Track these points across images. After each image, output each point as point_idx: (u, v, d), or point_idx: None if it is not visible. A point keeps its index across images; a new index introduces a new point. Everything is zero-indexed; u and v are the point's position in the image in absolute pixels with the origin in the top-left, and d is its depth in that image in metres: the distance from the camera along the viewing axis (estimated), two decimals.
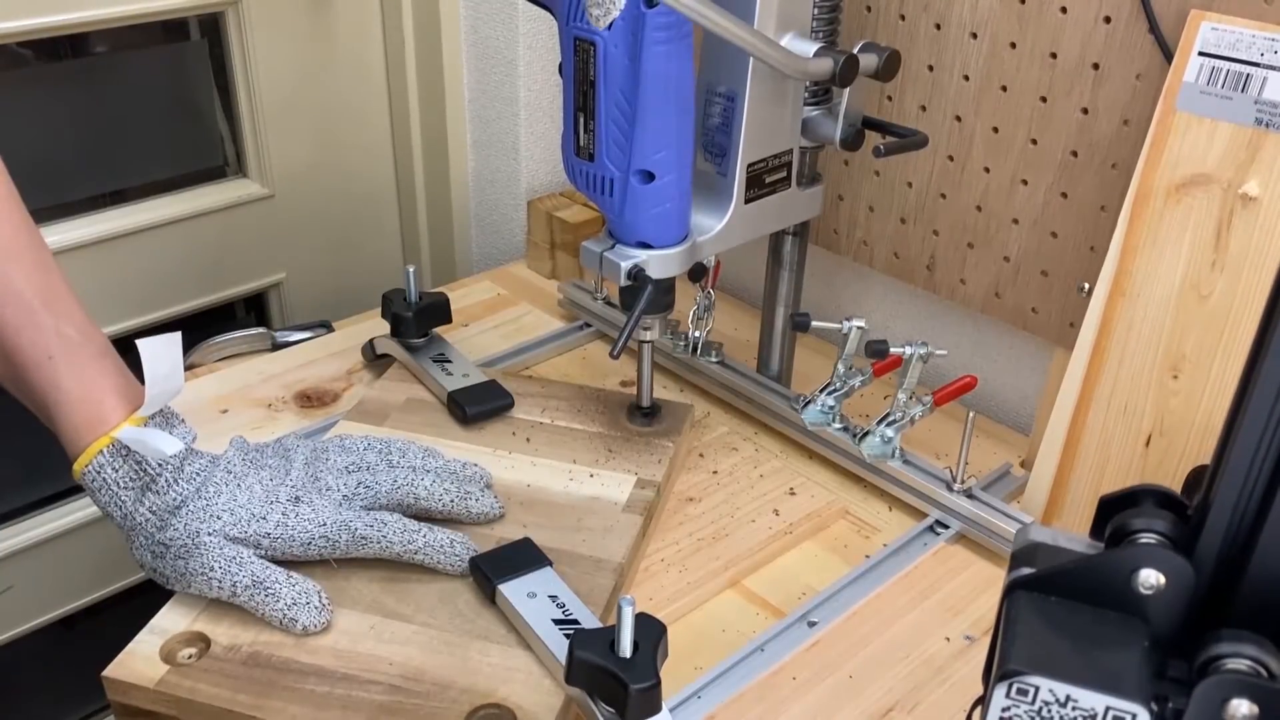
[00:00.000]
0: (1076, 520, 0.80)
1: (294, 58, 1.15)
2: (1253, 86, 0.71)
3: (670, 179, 0.75)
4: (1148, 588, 0.38)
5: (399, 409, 0.89)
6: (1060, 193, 0.85)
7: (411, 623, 0.68)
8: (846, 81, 0.77)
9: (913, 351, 0.81)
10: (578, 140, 0.75)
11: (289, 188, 1.20)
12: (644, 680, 0.57)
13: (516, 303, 1.11)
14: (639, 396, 0.88)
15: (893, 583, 0.77)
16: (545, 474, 0.82)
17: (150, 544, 0.67)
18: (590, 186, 0.76)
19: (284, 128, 1.17)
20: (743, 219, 0.82)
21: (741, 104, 0.78)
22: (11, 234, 0.66)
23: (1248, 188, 0.71)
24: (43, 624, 1.13)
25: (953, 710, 0.67)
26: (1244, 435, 0.36)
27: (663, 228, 0.77)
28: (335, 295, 1.26)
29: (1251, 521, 0.37)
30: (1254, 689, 0.35)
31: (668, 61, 0.70)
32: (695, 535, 0.80)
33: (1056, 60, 0.82)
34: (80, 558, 1.13)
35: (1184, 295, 0.74)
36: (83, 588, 1.15)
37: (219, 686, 0.63)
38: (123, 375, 0.68)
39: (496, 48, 1.16)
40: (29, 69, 1.05)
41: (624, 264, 0.77)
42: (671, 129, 0.73)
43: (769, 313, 0.94)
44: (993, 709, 0.37)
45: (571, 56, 0.72)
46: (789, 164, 0.83)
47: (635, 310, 0.77)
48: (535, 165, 1.21)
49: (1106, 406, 0.78)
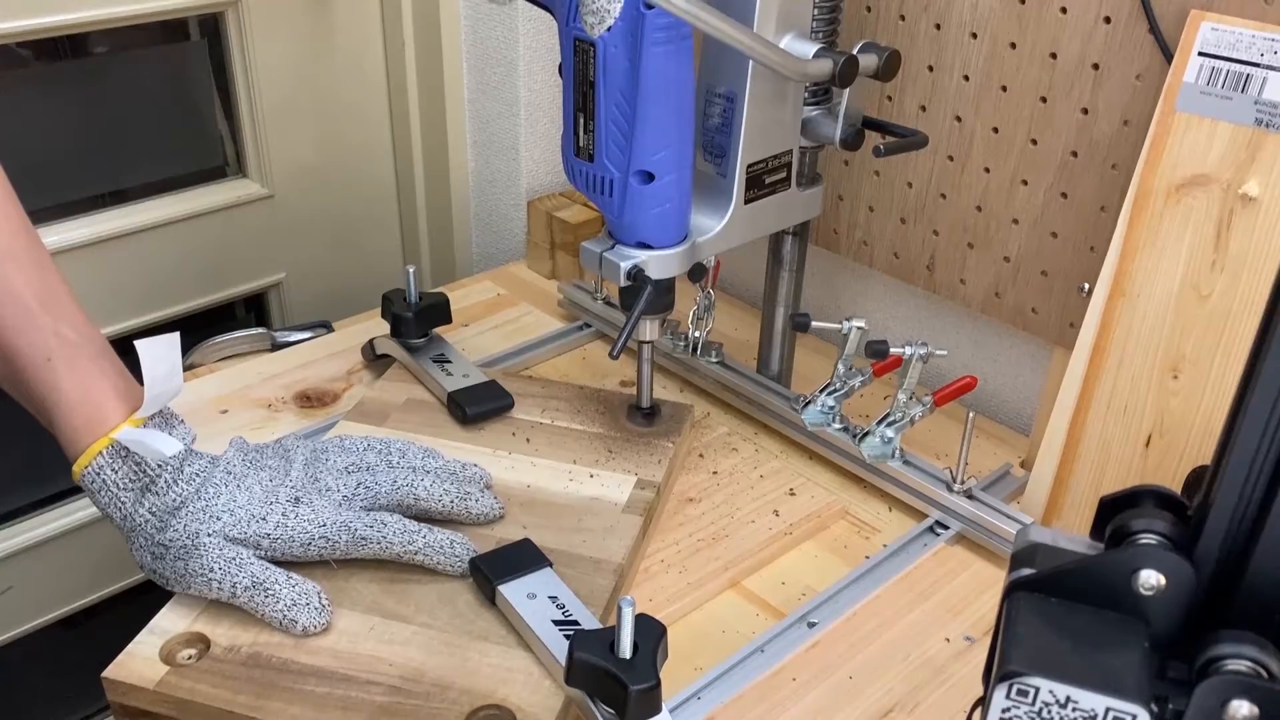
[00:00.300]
0: (1076, 521, 0.80)
1: (294, 58, 1.15)
2: (1253, 87, 0.71)
3: (670, 179, 0.75)
4: (1148, 588, 0.38)
5: (399, 409, 0.89)
6: (1060, 193, 0.85)
7: (411, 623, 0.68)
8: (846, 82, 0.77)
9: (913, 352, 0.81)
10: (577, 141, 0.75)
11: (289, 188, 1.20)
12: (644, 681, 0.57)
13: (516, 303, 1.11)
14: (639, 397, 0.88)
15: (893, 583, 0.77)
16: (545, 474, 0.82)
17: (150, 545, 0.67)
18: (590, 187, 0.76)
19: (284, 128, 1.17)
20: (742, 219, 0.82)
21: (741, 104, 0.78)
22: (10, 235, 0.66)
23: (1248, 188, 0.71)
24: (43, 624, 1.13)
25: (953, 711, 0.67)
26: (1244, 435, 0.36)
27: (662, 228, 0.77)
28: (335, 295, 1.26)
29: (1252, 522, 0.37)
30: (1254, 690, 0.35)
31: (667, 62, 0.70)
32: (695, 536, 0.80)
33: (1056, 60, 0.82)
34: (80, 558, 1.13)
35: (1184, 295, 0.74)
36: (83, 588, 1.15)
37: (219, 687, 0.63)
38: (122, 376, 0.68)
39: (496, 48, 1.16)
40: (29, 69, 1.05)
41: (624, 264, 0.77)
42: (671, 129, 0.73)
43: (769, 313, 0.94)
44: (993, 710, 0.37)
45: (571, 57, 0.72)
46: (789, 164, 0.83)
47: (635, 311, 0.77)
48: (535, 165, 1.21)
49: (1106, 407, 0.78)
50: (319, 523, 0.69)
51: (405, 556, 0.70)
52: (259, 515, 0.68)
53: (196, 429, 0.71)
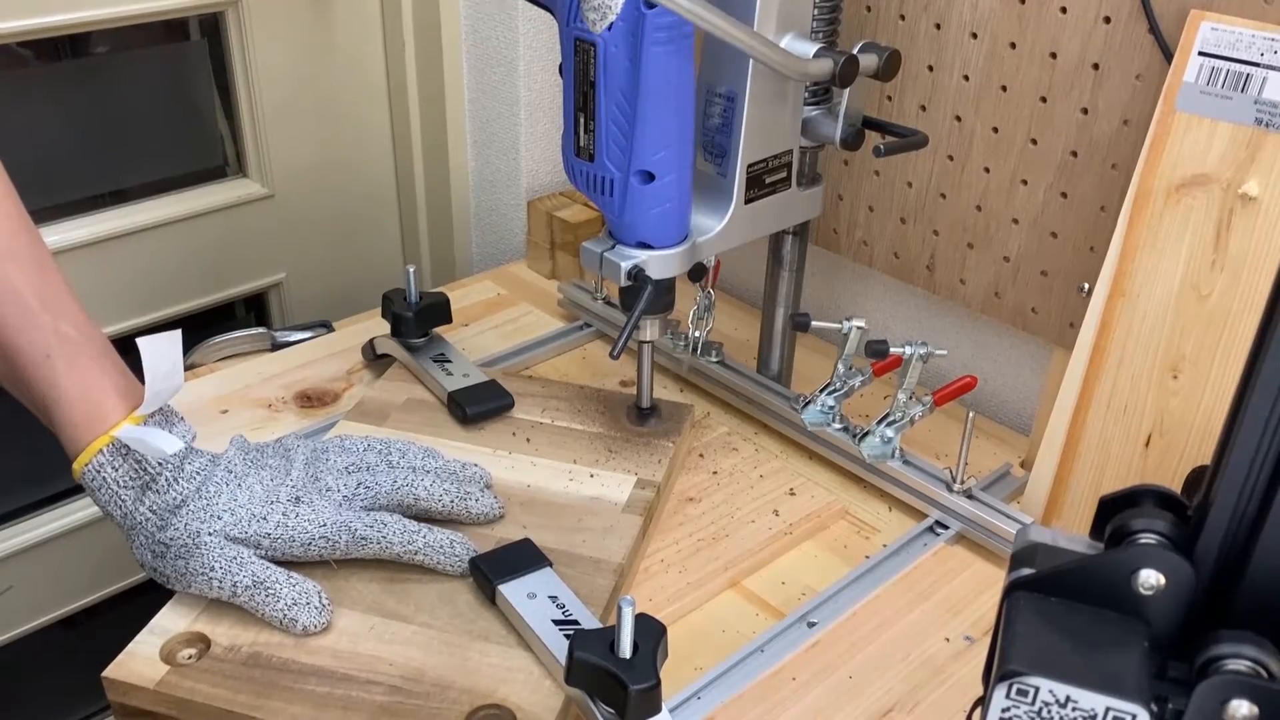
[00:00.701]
0: (1076, 520, 0.80)
1: (294, 58, 1.15)
2: (1253, 86, 0.71)
3: (670, 179, 0.75)
4: (1148, 588, 0.38)
5: (399, 409, 0.89)
6: (1060, 193, 0.85)
7: (411, 623, 0.68)
8: (847, 82, 0.77)
9: (913, 351, 0.81)
10: (578, 140, 0.75)
11: (289, 188, 1.20)
12: (644, 681, 0.57)
13: (516, 303, 1.11)
14: (639, 397, 0.88)
15: (892, 583, 0.77)
16: (545, 474, 0.82)
17: (150, 543, 0.67)
18: (590, 187, 0.76)
19: (284, 128, 1.17)
20: (743, 219, 0.82)
21: (741, 104, 0.78)
22: (10, 234, 0.66)
23: (1247, 188, 0.71)
24: (43, 624, 1.13)
25: (952, 711, 0.67)
26: (1244, 435, 0.36)
27: (663, 228, 0.77)
28: (335, 295, 1.26)
29: (1251, 522, 0.37)
30: (1254, 690, 0.35)
31: (668, 62, 0.70)
32: (695, 535, 0.80)
33: (1056, 60, 0.82)
34: (80, 558, 1.13)
35: (1184, 295, 0.74)
36: (83, 588, 1.15)
37: (219, 687, 0.63)
38: (122, 374, 0.68)
39: (496, 48, 1.16)
40: (29, 69, 1.05)
41: (624, 264, 0.77)
42: (672, 129, 0.73)
43: (769, 313, 0.94)
44: (992, 709, 0.37)
45: (572, 57, 0.72)
46: (789, 164, 0.83)
47: (635, 311, 0.77)
48: (535, 165, 1.21)
49: (1106, 406, 0.78)
50: (319, 523, 0.69)
51: (405, 557, 0.70)
52: (260, 515, 0.68)
53: (196, 428, 0.71)
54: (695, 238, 0.79)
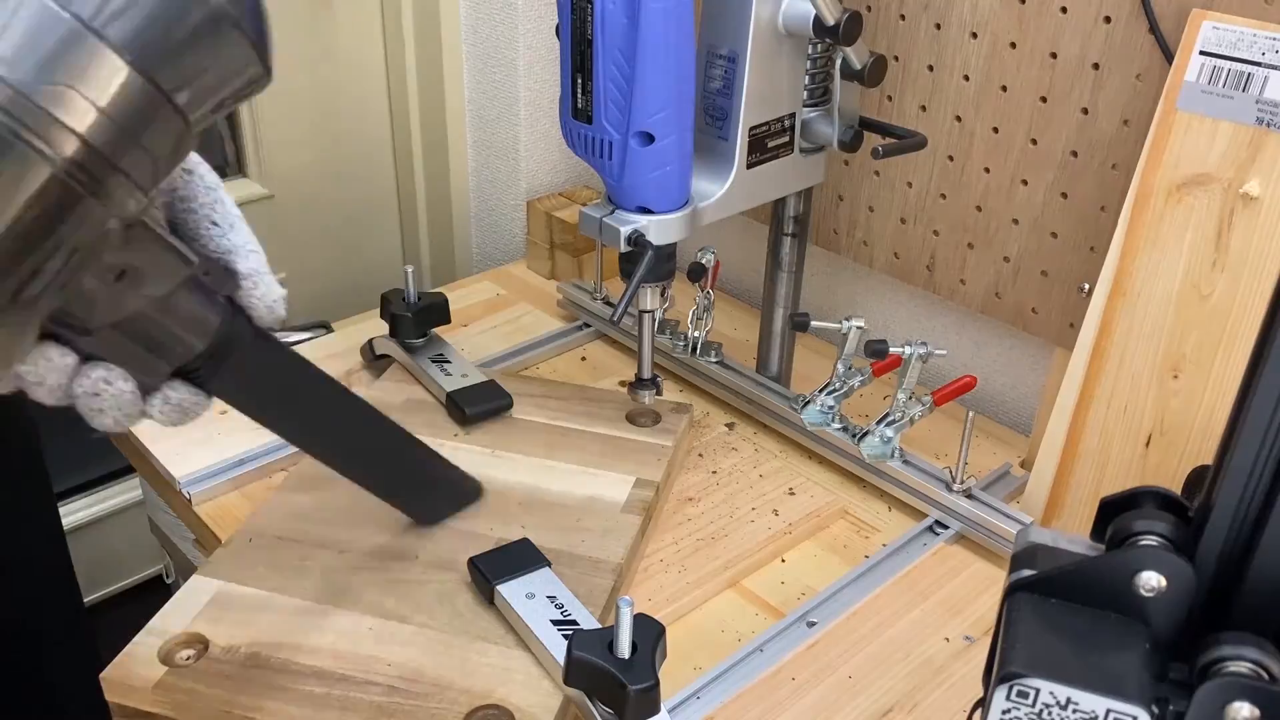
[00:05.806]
0: (1077, 521, 0.80)
1: (294, 57, 1.15)
2: (1254, 86, 0.70)
3: (670, 140, 0.73)
4: (1149, 590, 0.37)
5: (398, 409, 0.89)
6: (1060, 193, 0.85)
7: (410, 623, 0.68)
8: (850, 38, 0.76)
9: (912, 351, 0.81)
10: (575, 102, 0.73)
11: (289, 188, 1.19)
12: (642, 681, 0.57)
13: (516, 303, 1.11)
14: (640, 368, 0.85)
15: (892, 583, 0.76)
16: (544, 474, 0.82)
17: None
18: (588, 150, 0.74)
19: (284, 128, 1.16)
20: (744, 185, 0.80)
21: (743, 66, 0.76)
22: None
23: (1248, 187, 0.71)
24: None
25: (952, 711, 0.67)
26: (1246, 436, 0.36)
27: (663, 191, 0.75)
28: (335, 295, 1.26)
29: (1253, 523, 0.37)
30: (1255, 692, 0.35)
31: (666, 19, 0.69)
32: (694, 535, 0.80)
33: (1056, 60, 0.82)
34: (79, 558, 1.13)
35: (1184, 295, 0.74)
36: (82, 588, 1.15)
37: (217, 688, 0.63)
38: None
39: (496, 48, 1.16)
40: None
41: (624, 229, 0.75)
42: (671, 89, 0.71)
43: (768, 313, 0.94)
44: (993, 711, 0.37)
45: (569, 15, 0.71)
46: (791, 129, 0.82)
47: (635, 277, 0.75)
48: (535, 166, 1.21)
49: (1106, 406, 0.78)
50: None
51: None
52: None
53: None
54: (696, 203, 0.78)
